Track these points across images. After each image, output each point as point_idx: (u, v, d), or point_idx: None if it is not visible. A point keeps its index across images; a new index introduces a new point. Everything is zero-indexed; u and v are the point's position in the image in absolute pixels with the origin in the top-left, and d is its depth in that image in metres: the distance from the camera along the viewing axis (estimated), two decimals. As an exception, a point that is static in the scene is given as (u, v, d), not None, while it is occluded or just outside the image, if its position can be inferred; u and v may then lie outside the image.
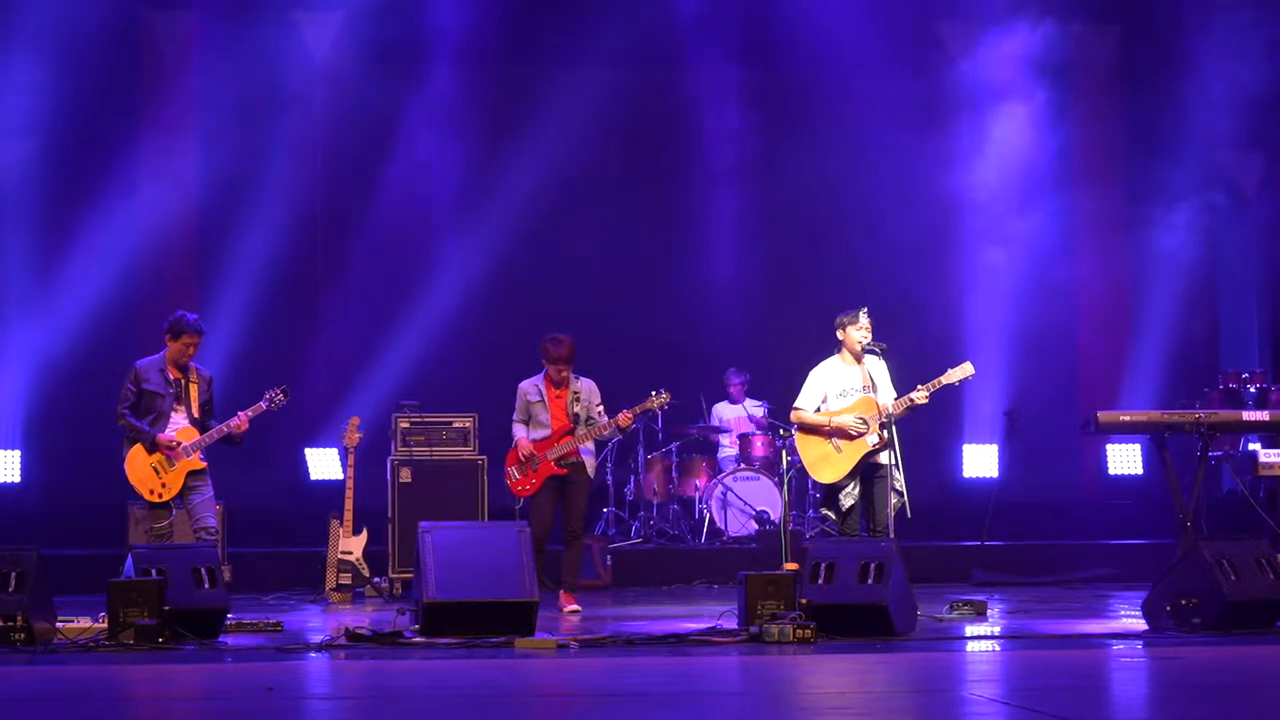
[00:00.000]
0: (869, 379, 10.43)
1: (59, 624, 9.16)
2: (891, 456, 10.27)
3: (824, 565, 9.28)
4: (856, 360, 10.49)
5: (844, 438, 10.35)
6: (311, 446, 15.39)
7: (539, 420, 11.15)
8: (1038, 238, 16.27)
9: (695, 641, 9.03)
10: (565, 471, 11.11)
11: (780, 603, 9.21)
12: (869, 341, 10.47)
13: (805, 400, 10.52)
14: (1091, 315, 16.85)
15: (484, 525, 11.44)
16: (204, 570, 9.13)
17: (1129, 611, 10.62)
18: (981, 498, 14.92)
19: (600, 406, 11.20)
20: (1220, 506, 14.58)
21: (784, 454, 11.61)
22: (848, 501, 10.39)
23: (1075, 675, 7.91)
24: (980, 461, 16.39)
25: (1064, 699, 7.00)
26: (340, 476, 13.78)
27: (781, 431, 11.82)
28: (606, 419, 11.13)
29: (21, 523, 14.02)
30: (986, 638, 9.64)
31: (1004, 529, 14.34)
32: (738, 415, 15.12)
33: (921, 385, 10.32)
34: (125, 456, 10.33)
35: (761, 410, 14.91)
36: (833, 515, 10.51)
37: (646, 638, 9.13)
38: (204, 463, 10.36)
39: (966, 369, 10.42)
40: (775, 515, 13.72)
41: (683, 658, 8.52)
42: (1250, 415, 11.07)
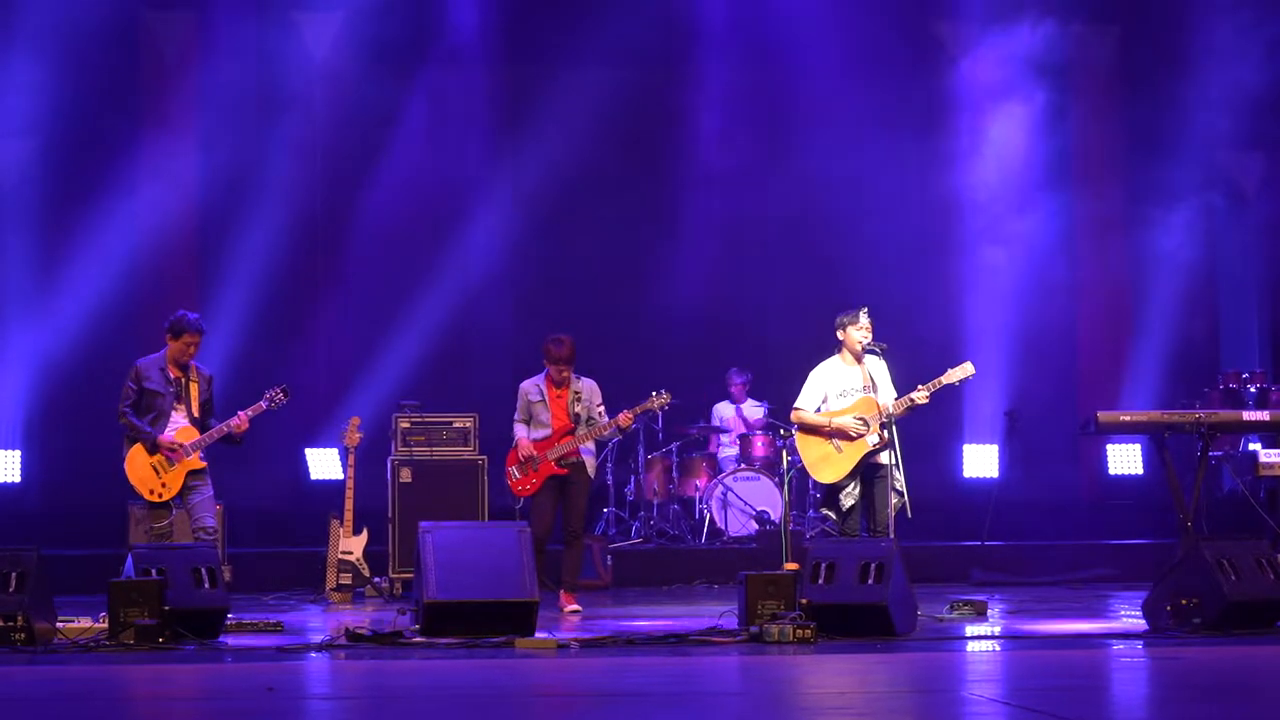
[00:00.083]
0: (869, 379, 10.42)
1: (59, 624, 9.16)
2: (892, 456, 10.27)
3: (824, 565, 9.28)
4: (857, 360, 10.49)
5: (844, 439, 10.35)
6: (312, 446, 15.38)
7: (540, 420, 11.15)
8: (1038, 238, 16.26)
9: (695, 641, 9.03)
10: (565, 471, 11.11)
11: (780, 603, 9.21)
12: (869, 341, 10.46)
13: (805, 400, 10.51)
14: (1091, 315, 16.84)
15: (484, 525, 11.43)
16: (204, 570, 9.13)
17: (1129, 611, 10.62)
18: (982, 498, 14.91)
19: (601, 407, 11.20)
20: (1220, 506, 14.57)
21: (784, 454, 11.61)
22: (848, 501, 10.38)
23: (1075, 675, 7.91)
24: (980, 461, 16.37)
25: (1064, 699, 7.00)
26: (340, 476, 13.78)
27: (782, 431, 11.81)
28: (607, 419, 11.13)
29: (22, 523, 14.02)
30: (986, 638, 9.64)
31: (1004, 529, 14.32)
32: (738, 415, 15.11)
33: (922, 385, 10.32)
34: (125, 456, 10.33)
35: (761, 411, 14.90)
36: (833, 515, 10.50)
37: (647, 638, 9.13)
38: (204, 462, 10.36)
39: (967, 369, 10.41)
40: (775, 515, 13.72)
41: (683, 658, 8.52)
42: (1250, 415, 11.07)
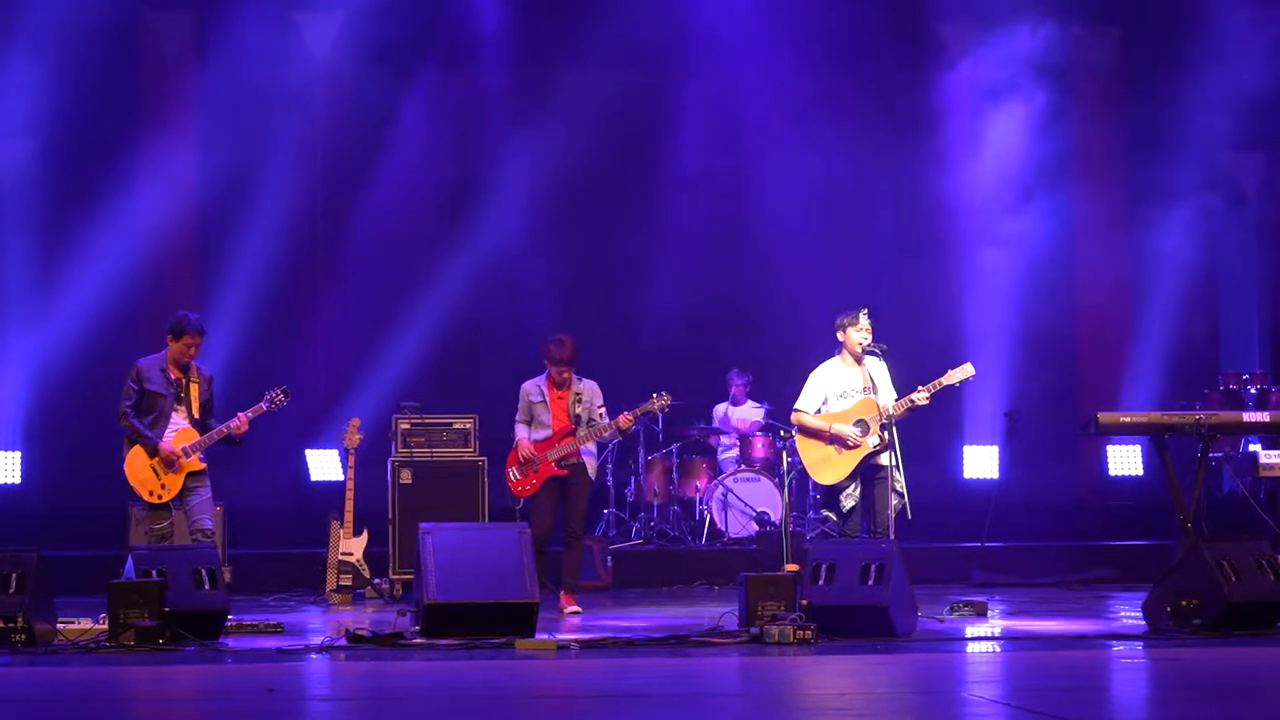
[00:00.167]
0: (869, 380, 10.42)
1: (60, 625, 9.16)
2: (892, 458, 10.27)
3: (824, 566, 9.28)
4: (857, 361, 10.48)
5: (842, 446, 10.35)
6: (312, 448, 15.37)
7: (540, 421, 11.15)
8: (1038, 239, 16.25)
9: (696, 642, 9.03)
10: (566, 472, 11.11)
11: (781, 604, 9.21)
12: (869, 343, 10.46)
13: (806, 402, 10.51)
14: (1091, 315, 16.83)
15: (484, 526, 11.43)
16: (204, 571, 9.13)
17: (1129, 612, 10.63)
18: (982, 499, 14.90)
19: (602, 408, 11.20)
20: (1221, 508, 14.56)
21: (784, 455, 11.60)
22: (849, 503, 10.39)
23: (1075, 676, 7.91)
24: (981, 462, 16.36)
25: (1064, 699, 7.00)
26: (341, 478, 13.78)
27: (782, 433, 11.81)
28: (608, 420, 11.14)
29: (22, 524, 14.01)
30: (986, 638, 9.64)
31: (1004, 529, 14.32)
32: (738, 417, 15.12)
33: (922, 386, 10.32)
34: (125, 457, 10.32)
35: (761, 412, 14.90)
36: (834, 516, 10.51)
37: (647, 639, 9.13)
38: (204, 464, 10.35)
39: (967, 370, 10.41)
40: (776, 516, 13.72)
41: (683, 659, 8.52)
42: (1250, 416, 11.05)
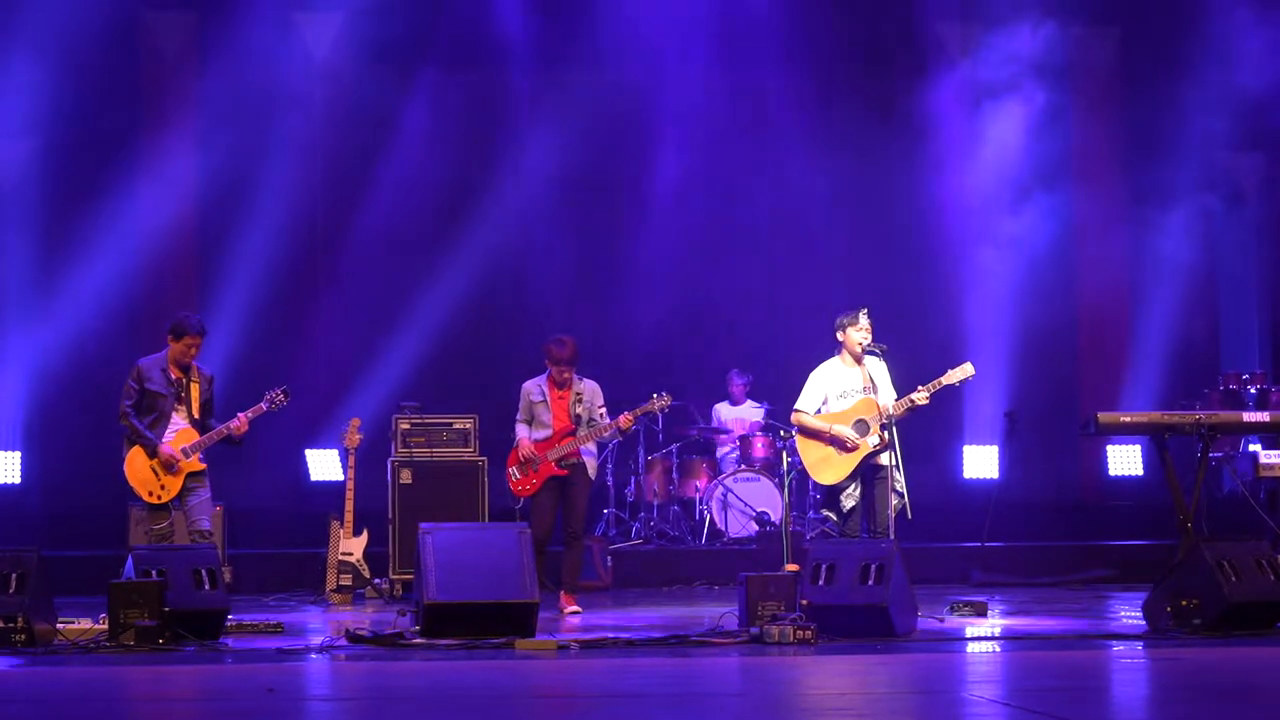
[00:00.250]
0: (869, 380, 10.41)
1: (60, 625, 9.16)
2: (892, 457, 10.27)
3: (824, 566, 9.28)
4: (857, 361, 10.48)
5: (841, 448, 10.35)
6: (312, 447, 15.38)
7: (541, 421, 11.16)
8: (1038, 239, 16.25)
9: (696, 643, 9.03)
10: (565, 472, 11.11)
11: (781, 604, 9.22)
12: (869, 343, 10.46)
13: (806, 402, 10.51)
14: (1091, 315, 16.83)
15: (484, 526, 11.43)
16: (204, 571, 9.13)
17: (1129, 612, 10.62)
18: (982, 498, 14.89)
19: (603, 408, 11.21)
20: (1221, 507, 14.57)
21: (784, 455, 11.61)
22: (849, 503, 10.38)
23: (1075, 675, 7.91)
24: (980, 462, 16.37)
25: (1064, 699, 7.00)
26: (340, 478, 13.78)
27: (782, 433, 11.81)
28: (609, 420, 11.14)
29: (22, 524, 14.03)
30: (986, 638, 9.64)
31: (1004, 530, 14.32)
32: (735, 416, 15.12)
33: (922, 386, 10.31)
34: (125, 457, 10.32)
35: (761, 412, 14.90)
36: (834, 516, 10.50)
37: (647, 639, 9.13)
38: (204, 464, 10.36)
39: (967, 369, 10.41)
40: (776, 516, 13.72)
41: (683, 659, 8.52)
42: (1251, 416, 11.05)
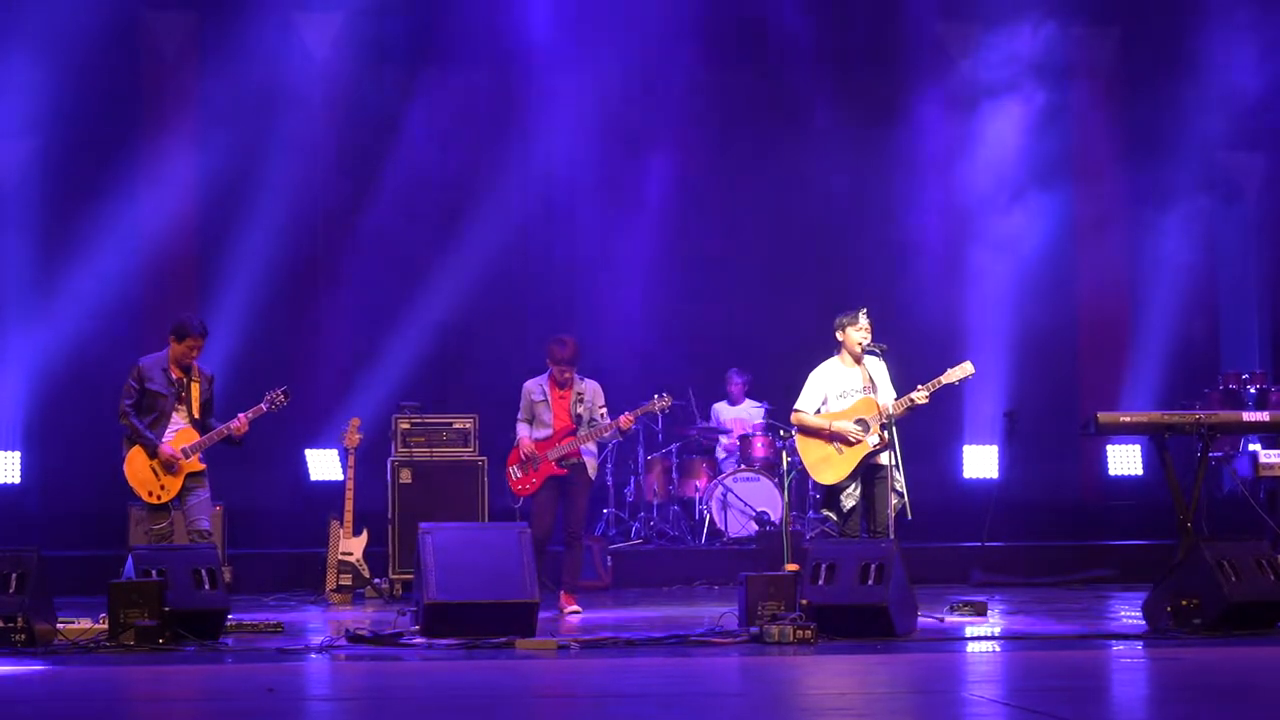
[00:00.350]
0: (869, 380, 10.41)
1: (60, 625, 9.16)
2: (892, 457, 10.26)
3: (824, 566, 9.28)
4: (856, 361, 10.48)
5: (843, 443, 10.35)
6: (312, 447, 15.37)
7: (542, 420, 11.16)
8: (1038, 238, 16.26)
9: (696, 642, 9.03)
10: (565, 472, 11.12)
11: (781, 603, 9.22)
12: (869, 342, 10.46)
13: (805, 402, 10.50)
14: (1091, 315, 16.83)
15: (484, 526, 11.43)
16: (204, 571, 9.13)
17: (1129, 612, 10.62)
18: (982, 498, 14.89)
19: (604, 409, 11.21)
20: (1220, 507, 14.56)
21: (784, 455, 11.60)
22: (849, 502, 10.38)
23: (1075, 675, 7.91)
24: (980, 462, 16.36)
25: (1064, 699, 7.00)
26: (340, 477, 13.78)
27: (782, 433, 11.81)
28: (609, 420, 11.14)
29: (22, 524, 14.02)
30: (986, 638, 9.64)
31: (1004, 529, 14.32)
32: (734, 416, 15.12)
33: (921, 385, 10.31)
34: (124, 458, 10.32)
35: (761, 411, 14.90)
36: (834, 516, 10.50)
37: (647, 639, 9.13)
38: (203, 464, 10.36)
39: (966, 368, 10.41)
40: (775, 516, 13.72)
41: (683, 659, 8.52)
42: (1250, 416, 11.05)
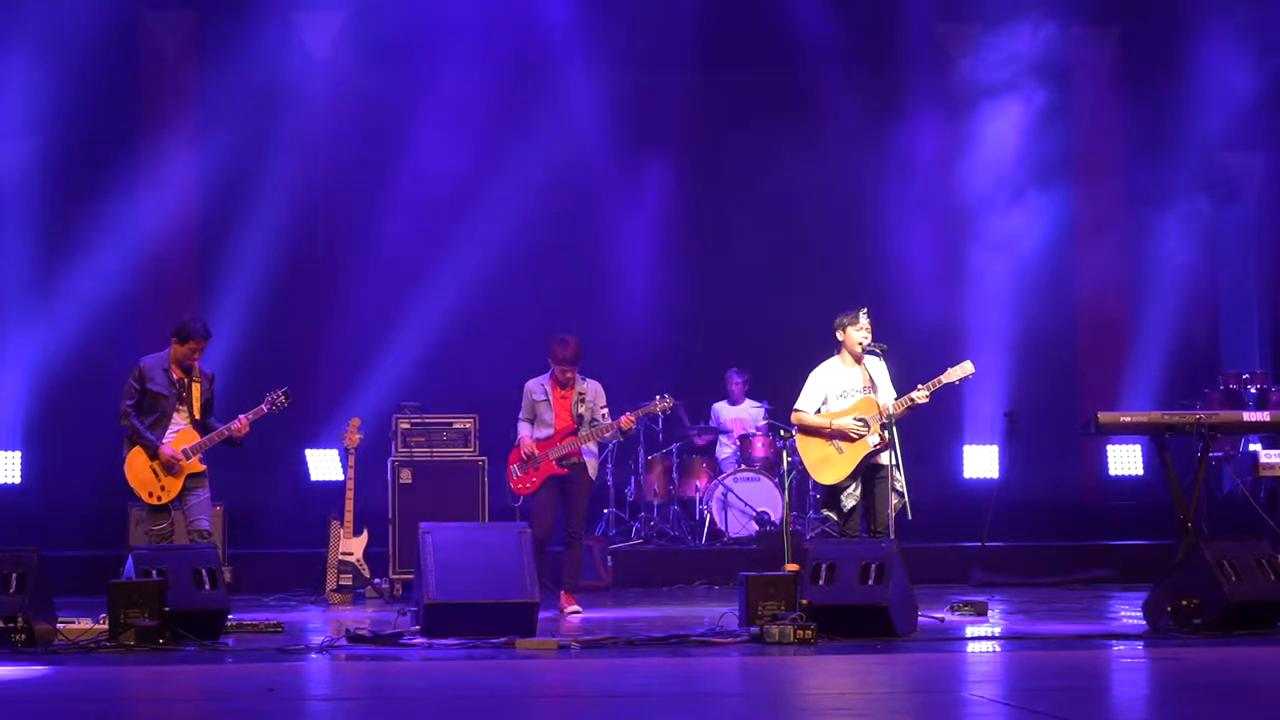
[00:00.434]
0: (869, 380, 10.41)
1: (60, 625, 9.16)
2: (892, 457, 10.26)
3: (825, 566, 9.28)
4: (856, 361, 10.48)
5: (845, 440, 10.34)
6: (312, 447, 15.38)
7: (543, 420, 11.17)
8: (1038, 238, 16.25)
9: (696, 642, 9.03)
10: (566, 471, 11.12)
11: (781, 603, 9.22)
12: (869, 342, 10.46)
13: (805, 402, 10.50)
14: (1091, 315, 16.83)
15: (485, 526, 11.42)
16: (204, 571, 9.13)
17: (1129, 612, 10.62)
18: (982, 498, 14.90)
19: (605, 409, 11.21)
20: (1220, 507, 14.57)
21: (785, 455, 11.61)
22: (849, 502, 10.37)
23: (1075, 675, 7.91)
24: (981, 462, 16.36)
25: (1064, 699, 7.00)
26: (341, 477, 13.78)
27: (782, 432, 11.81)
28: (611, 420, 11.14)
29: (22, 524, 14.02)
30: (986, 638, 9.64)
31: (1004, 529, 14.32)
32: (734, 415, 15.12)
33: (922, 385, 10.31)
34: (125, 458, 10.32)
35: (761, 411, 14.90)
36: (834, 516, 10.50)
37: (647, 638, 9.13)
38: (204, 465, 10.36)
39: (966, 368, 10.41)
40: (776, 516, 13.72)
41: (683, 658, 8.52)
42: (1251, 416, 11.05)
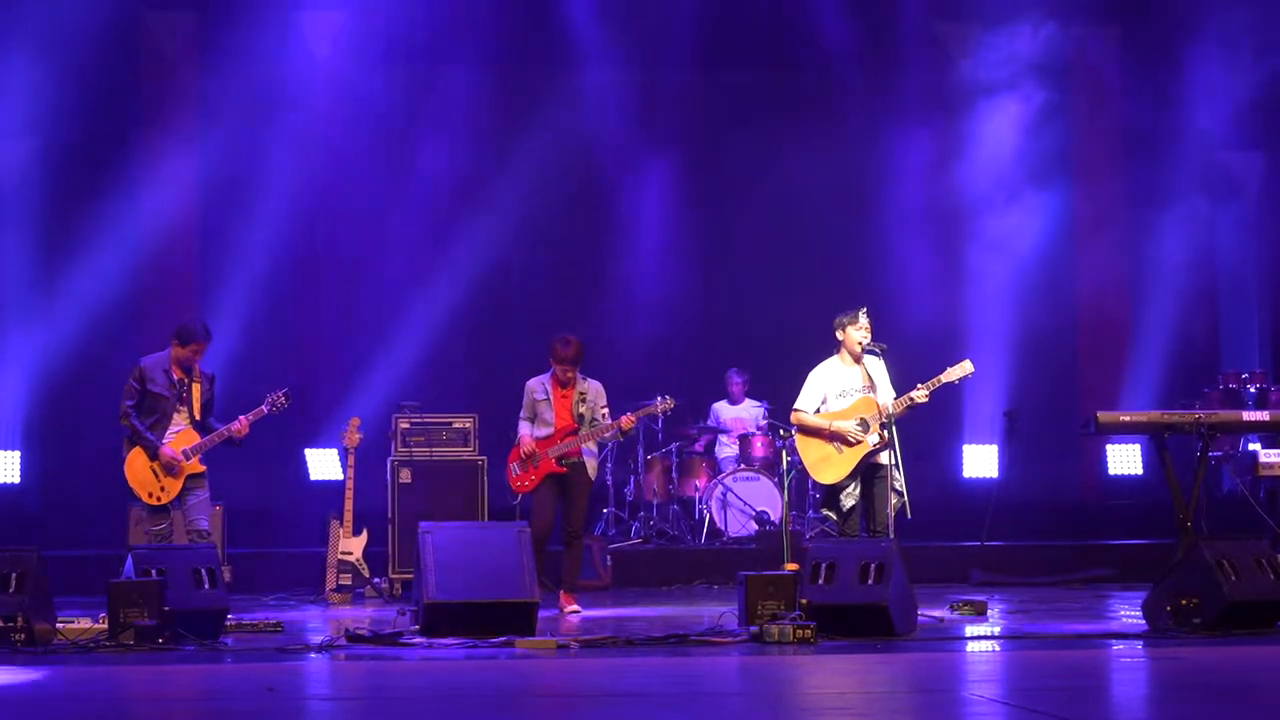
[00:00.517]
0: (869, 379, 10.41)
1: (59, 625, 9.15)
2: (892, 456, 10.27)
3: (824, 565, 9.28)
4: (856, 361, 10.48)
5: (843, 443, 10.35)
6: (312, 447, 15.38)
7: (544, 419, 11.17)
8: (1037, 238, 16.26)
9: (696, 642, 9.03)
10: (565, 470, 11.12)
11: (781, 603, 9.21)
12: (868, 342, 10.46)
13: (805, 401, 10.50)
14: (1091, 315, 16.83)
15: (484, 526, 11.42)
16: (204, 571, 9.13)
17: (1129, 611, 10.62)
18: (981, 498, 14.90)
19: (606, 409, 11.21)
20: (1220, 507, 14.57)
21: (784, 454, 11.60)
22: (848, 502, 10.37)
23: (1075, 675, 7.91)
24: (980, 462, 16.37)
25: (1064, 699, 7.00)
26: (340, 477, 13.77)
27: (781, 432, 11.81)
28: (611, 420, 11.14)
29: (22, 523, 14.03)
30: (986, 638, 9.64)
31: (1004, 529, 14.32)
32: (733, 415, 15.12)
33: (921, 384, 10.31)
34: (125, 458, 10.32)
35: (761, 411, 14.90)
36: (833, 516, 10.50)
37: (647, 638, 9.13)
38: (203, 466, 10.36)
39: (966, 367, 10.41)
40: (775, 515, 13.72)
41: (683, 658, 8.52)
42: (1250, 415, 11.06)
